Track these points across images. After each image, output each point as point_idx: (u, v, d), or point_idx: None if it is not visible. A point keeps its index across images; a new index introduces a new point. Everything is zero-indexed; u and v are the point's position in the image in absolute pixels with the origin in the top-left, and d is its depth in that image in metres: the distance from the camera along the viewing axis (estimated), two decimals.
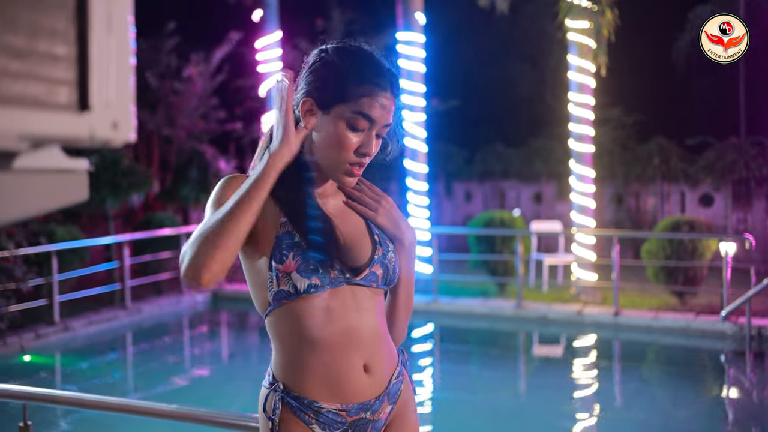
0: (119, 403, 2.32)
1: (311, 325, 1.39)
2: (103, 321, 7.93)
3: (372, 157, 1.44)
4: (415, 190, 9.56)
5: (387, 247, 1.50)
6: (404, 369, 1.57)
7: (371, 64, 1.43)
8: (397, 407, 1.52)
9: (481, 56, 16.07)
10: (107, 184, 8.61)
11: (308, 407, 1.40)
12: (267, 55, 10.26)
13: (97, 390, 6.24)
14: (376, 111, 1.39)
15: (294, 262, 1.36)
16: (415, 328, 8.57)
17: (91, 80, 0.63)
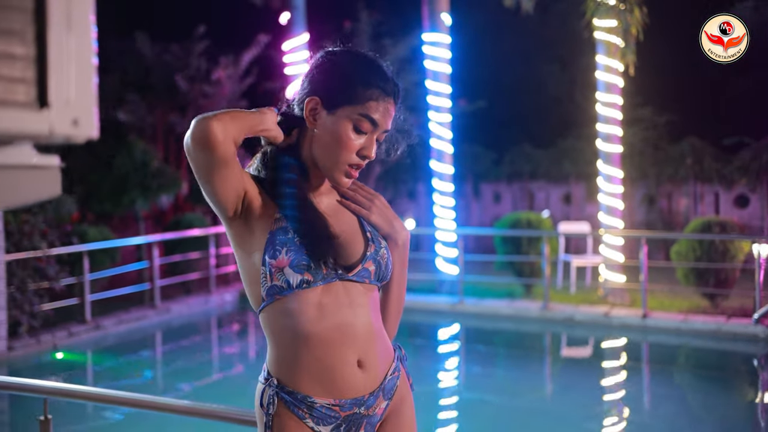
0: (132, 399, 2.37)
1: (304, 321, 1.40)
2: (133, 320, 8.08)
3: (371, 159, 1.48)
4: (441, 191, 9.55)
5: (379, 244, 1.53)
6: (401, 365, 1.58)
7: (379, 69, 1.47)
8: (393, 403, 1.53)
9: (509, 57, 15.97)
10: (137, 186, 8.77)
11: (302, 402, 1.41)
12: (294, 58, 10.34)
13: (126, 388, 6.37)
14: (380, 115, 1.44)
15: (287, 257, 1.38)
16: (441, 328, 8.56)
17: (49, 79, 0.65)
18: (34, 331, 7.08)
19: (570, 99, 14.43)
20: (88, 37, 0.70)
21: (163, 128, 10.95)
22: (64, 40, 0.66)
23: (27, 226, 6.94)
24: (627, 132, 12.13)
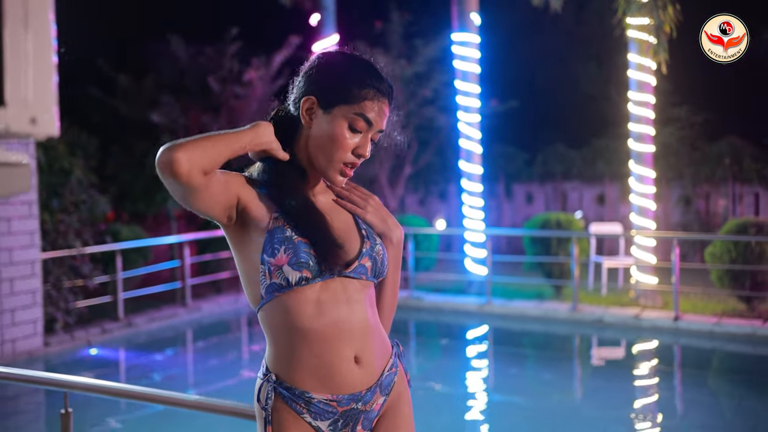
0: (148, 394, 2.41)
1: (302, 317, 1.42)
2: (165, 318, 8.22)
3: (365, 158, 1.50)
4: (470, 191, 9.51)
5: (375, 241, 1.55)
6: (398, 361, 1.60)
7: (374, 71, 1.52)
8: (391, 399, 1.55)
9: (543, 56, 15.83)
10: None
11: (299, 397, 1.44)
12: None
13: (155, 385, 6.48)
14: (375, 114, 1.48)
15: (285, 255, 1.40)
16: (468, 328, 8.52)
17: (5, 78, 0.68)
18: (69, 327, 7.26)
19: (605, 98, 14.24)
20: (48, 36, 0.72)
21: (197, 129, 11.10)
22: (21, 40, 0.68)
23: (62, 225, 7.12)
24: (662, 131, 11.92)
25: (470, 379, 6.73)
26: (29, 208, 6.65)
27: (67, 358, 7.01)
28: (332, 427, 1.47)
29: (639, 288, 8.46)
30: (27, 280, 6.63)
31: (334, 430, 1.47)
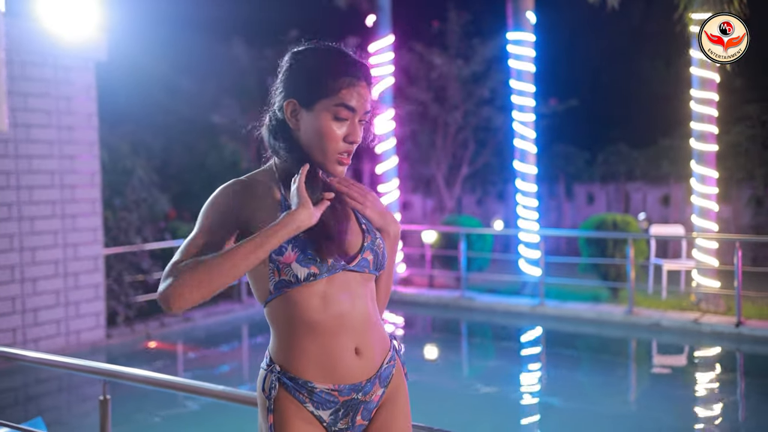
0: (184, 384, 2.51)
1: (309, 310, 1.48)
2: (221, 313, 8.46)
3: (359, 143, 1.53)
4: (524, 191, 9.40)
5: (375, 235, 1.59)
6: (396, 355, 1.64)
7: (344, 57, 1.51)
8: (389, 391, 1.59)
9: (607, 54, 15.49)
10: None
11: (302, 387, 1.49)
12: (379, 60, 10.49)
13: (208, 378, 6.69)
14: (355, 100, 1.49)
15: (293, 253, 1.45)
16: (519, 329, 8.44)
17: None
18: (130, 320, 7.57)
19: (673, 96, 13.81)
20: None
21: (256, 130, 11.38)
22: None
23: (124, 222, 7.43)
24: (731, 130, 11.48)
25: (521, 380, 6.67)
26: (93, 206, 6.97)
27: (128, 350, 7.31)
28: (333, 416, 1.52)
29: (700, 292, 8.18)
30: (91, 275, 6.96)
31: (335, 419, 1.52)
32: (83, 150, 6.88)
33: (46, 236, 6.58)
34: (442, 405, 5.65)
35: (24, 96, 6.43)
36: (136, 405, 5.40)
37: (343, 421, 1.53)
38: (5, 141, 6.27)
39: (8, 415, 5.04)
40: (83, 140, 6.87)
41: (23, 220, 6.42)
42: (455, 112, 12.65)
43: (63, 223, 6.72)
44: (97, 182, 7.00)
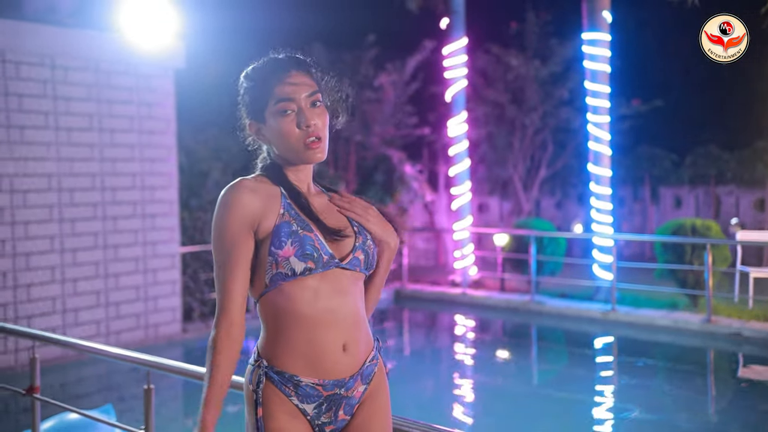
0: None
1: (300, 303, 1.54)
2: None
3: (319, 129, 1.58)
4: (598, 194, 9.18)
5: (366, 236, 1.65)
6: (378, 354, 1.70)
7: (269, 63, 1.61)
8: (370, 388, 1.65)
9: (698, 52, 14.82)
10: None
11: (289, 381, 1.55)
12: (453, 62, 10.50)
13: None
14: (289, 89, 1.57)
15: (292, 247, 1.52)
16: (590, 336, 8.25)
17: None
18: (205, 316, 7.92)
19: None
20: None
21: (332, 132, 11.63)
22: None
23: (199, 222, 7.80)
24: None
25: (592, 388, 6.51)
26: (171, 207, 7.35)
27: (203, 345, 7.64)
28: (317, 410, 1.58)
29: None
30: (168, 272, 7.34)
31: (318, 413, 1.58)
32: (162, 153, 7.28)
33: (127, 234, 7.00)
34: (512, 409, 5.63)
35: (109, 103, 6.88)
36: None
37: (326, 415, 1.59)
38: (91, 145, 6.73)
39: (82, 403, 5.41)
40: (162, 144, 7.27)
41: (107, 219, 6.86)
42: (533, 113, 12.49)
43: (143, 223, 7.13)
44: (175, 184, 7.38)
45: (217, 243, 1.56)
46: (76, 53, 6.65)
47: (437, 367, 7.47)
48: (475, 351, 8.05)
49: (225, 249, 1.55)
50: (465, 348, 8.17)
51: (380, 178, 10.84)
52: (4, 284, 6.17)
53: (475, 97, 12.52)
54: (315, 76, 1.63)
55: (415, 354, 8.03)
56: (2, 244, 6.15)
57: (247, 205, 1.55)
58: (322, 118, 1.60)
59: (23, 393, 3.60)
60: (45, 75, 6.45)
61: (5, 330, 3.67)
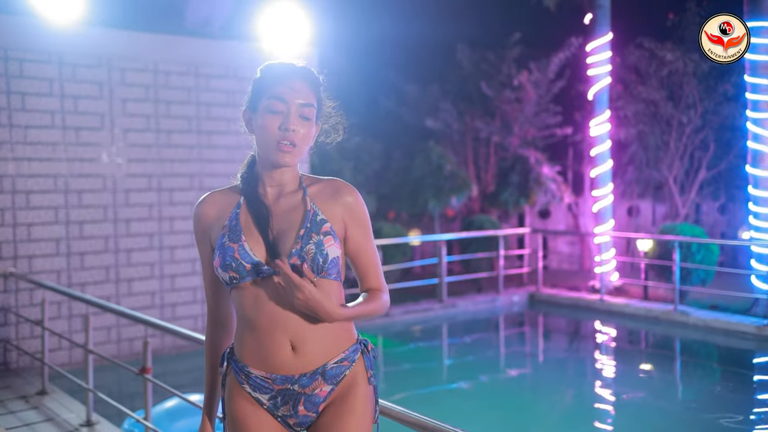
0: None
1: (245, 308, 1.65)
2: (420, 311, 8.78)
3: (299, 137, 1.62)
4: (758, 198, 8.34)
5: (307, 241, 1.61)
6: (360, 357, 1.70)
7: (280, 65, 1.70)
8: (339, 389, 1.67)
9: None
10: (431, 187, 9.47)
11: (242, 370, 1.69)
12: (596, 59, 10.03)
13: (402, 374, 7.01)
14: (285, 91, 1.63)
15: (218, 258, 1.64)
16: (749, 354, 7.50)
17: None
18: None
19: None
20: None
21: (470, 134, 11.56)
22: None
23: None
24: None
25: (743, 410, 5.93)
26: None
27: None
28: (273, 402, 1.67)
29: None
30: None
31: (274, 404, 1.67)
32: None
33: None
34: (659, 427, 5.33)
35: None
36: None
37: (284, 408, 1.67)
38: (228, 147, 7.22)
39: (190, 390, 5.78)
40: None
41: None
42: (691, 110, 11.59)
43: None
44: None
45: None
46: (217, 62, 7.17)
47: (573, 376, 7.12)
48: (614, 362, 7.64)
49: (201, 259, 1.77)
50: (601, 357, 7.77)
51: (515, 179, 10.61)
52: (107, 278, 6.74)
53: (625, 95, 11.86)
54: (317, 92, 1.68)
55: (549, 362, 7.76)
56: (105, 240, 6.62)
57: (202, 220, 1.72)
58: (307, 129, 1.64)
59: (136, 372, 3.98)
60: (189, 83, 7.02)
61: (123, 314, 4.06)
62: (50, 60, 6.28)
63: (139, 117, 6.72)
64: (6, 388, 5.48)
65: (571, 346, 8.65)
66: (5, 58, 6.06)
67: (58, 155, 6.33)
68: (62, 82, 6.33)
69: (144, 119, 6.75)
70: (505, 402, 6.07)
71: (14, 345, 5.97)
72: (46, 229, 6.31)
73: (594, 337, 8.80)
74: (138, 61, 6.71)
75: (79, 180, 6.43)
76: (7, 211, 6.14)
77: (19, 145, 6.14)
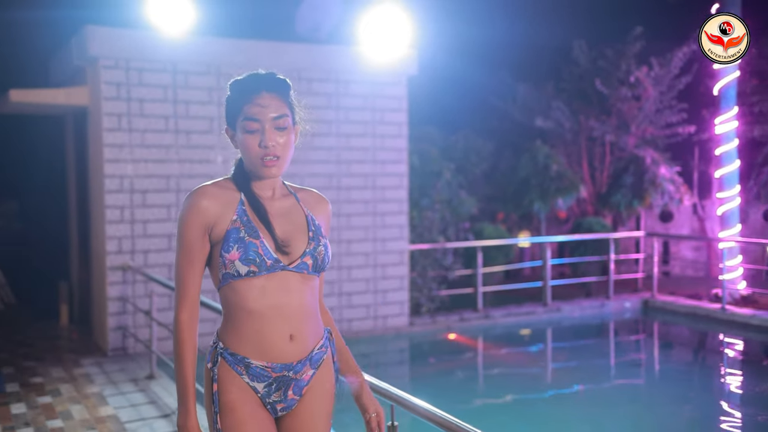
0: None
1: (248, 300, 1.76)
2: (522, 314, 8.61)
3: (280, 148, 1.74)
4: None
5: (318, 242, 1.83)
6: (329, 343, 1.90)
7: (245, 81, 1.78)
8: (318, 373, 1.86)
9: None
10: (536, 188, 9.24)
11: (240, 362, 1.77)
12: None
13: (500, 378, 6.92)
14: (255, 110, 1.73)
15: (237, 252, 1.73)
16: None
17: None
18: (432, 312, 8.24)
19: None
20: None
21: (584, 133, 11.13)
22: None
23: (427, 221, 8.13)
24: None
25: None
26: (400, 206, 7.80)
27: (428, 339, 7.98)
28: (267, 389, 1.79)
29: None
30: (396, 267, 7.80)
31: (268, 391, 1.80)
32: (394, 156, 7.75)
33: (358, 231, 7.60)
34: None
35: (346, 110, 7.54)
36: None
37: (276, 394, 1.80)
38: (329, 148, 7.45)
39: None
40: (394, 147, 7.74)
41: (341, 216, 7.54)
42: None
43: (374, 220, 7.68)
44: (405, 185, 7.80)
45: (178, 241, 1.78)
46: (319, 66, 7.42)
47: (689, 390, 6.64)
48: (739, 376, 7.10)
49: (182, 247, 1.77)
50: (723, 371, 7.25)
51: (629, 180, 10.09)
52: None
53: (761, 89, 10.98)
54: (286, 99, 1.78)
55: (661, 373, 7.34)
56: None
57: (202, 211, 1.75)
58: (286, 137, 1.76)
59: None
60: None
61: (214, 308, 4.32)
62: (165, 69, 6.77)
63: None
64: (121, 371, 5.98)
65: (687, 358, 8.15)
66: (126, 68, 6.61)
67: (171, 157, 6.82)
68: (175, 89, 6.81)
69: None
70: (610, 412, 5.80)
71: (131, 332, 6.51)
72: (160, 225, 6.81)
73: (713, 348, 8.24)
74: (243, 67, 7.02)
75: (190, 180, 6.89)
76: (126, 209, 6.69)
77: (138, 148, 6.68)
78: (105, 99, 6.53)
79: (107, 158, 6.55)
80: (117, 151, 6.58)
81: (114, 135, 6.58)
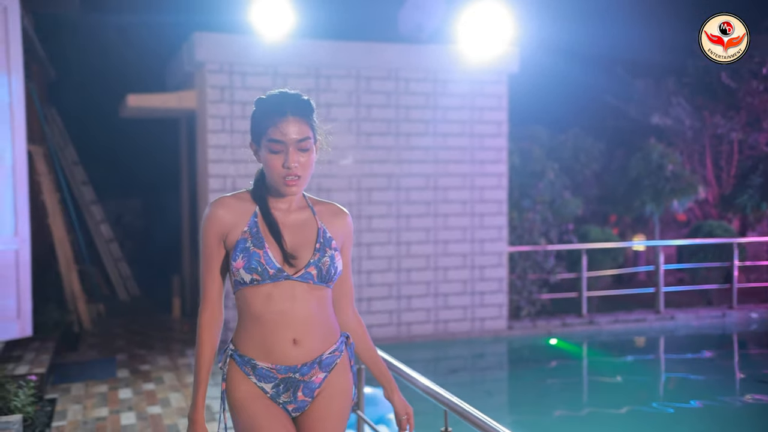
0: None
1: (254, 306, 1.88)
2: (631, 321, 8.16)
3: (301, 167, 1.83)
4: None
5: (324, 254, 1.90)
6: (345, 348, 1.99)
7: (271, 101, 1.85)
8: (331, 375, 1.94)
9: None
10: (648, 189, 8.72)
11: (248, 363, 1.90)
12: None
13: (602, 388, 6.60)
14: (280, 133, 1.81)
15: (242, 261, 1.85)
16: None
17: None
18: (532, 316, 7.98)
19: None
20: None
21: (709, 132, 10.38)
22: None
23: (527, 223, 7.88)
24: None
25: None
26: (499, 206, 7.61)
27: (527, 343, 7.74)
28: (275, 389, 1.90)
29: None
30: (495, 269, 7.63)
31: (277, 392, 1.90)
32: (492, 155, 7.59)
33: (456, 231, 7.50)
34: None
35: (444, 110, 7.46)
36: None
37: (285, 395, 1.90)
38: (425, 148, 7.41)
39: None
40: (493, 146, 7.58)
41: (438, 216, 7.47)
42: None
43: (471, 221, 7.55)
44: (504, 185, 7.61)
45: (201, 248, 1.93)
46: (416, 66, 7.39)
47: None
48: None
49: (204, 253, 1.93)
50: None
51: (757, 181, 9.28)
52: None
53: None
54: (309, 121, 1.85)
55: None
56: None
57: (218, 220, 1.89)
58: (306, 157, 1.84)
59: None
60: (389, 87, 7.33)
61: None
62: (266, 72, 6.99)
63: (341, 121, 7.19)
64: None
65: None
66: (230, 72, 6.89)
67: None
68: None
69: (346, 123, 7.21)
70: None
71: (231, 327, 6.78)
72: None
73: None
74: (341, 69, 7.19)
75: None
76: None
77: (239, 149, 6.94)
78: (210, 102, 6.85)
79: (211, 159, 6.86)
80: (220, 152, 6.88)
81: (217, 136, 6.88)
